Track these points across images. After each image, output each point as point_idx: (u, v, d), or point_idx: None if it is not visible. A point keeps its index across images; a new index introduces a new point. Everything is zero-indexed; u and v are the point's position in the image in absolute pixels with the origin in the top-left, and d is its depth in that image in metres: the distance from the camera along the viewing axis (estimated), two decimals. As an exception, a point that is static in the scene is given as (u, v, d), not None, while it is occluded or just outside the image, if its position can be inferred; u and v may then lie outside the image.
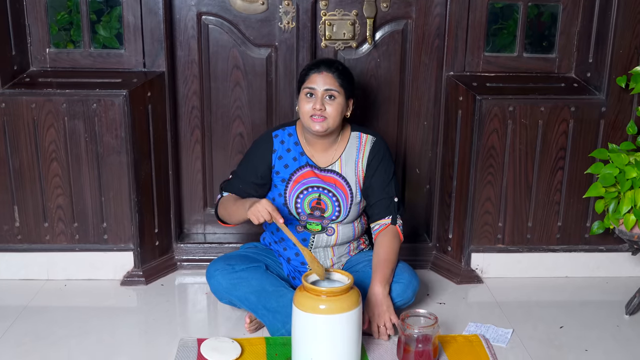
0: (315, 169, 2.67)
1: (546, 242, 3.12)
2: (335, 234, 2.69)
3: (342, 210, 2.66)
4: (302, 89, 2.61)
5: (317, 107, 2.54)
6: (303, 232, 2.69)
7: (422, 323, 2.42)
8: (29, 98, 2.86)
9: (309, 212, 2.66)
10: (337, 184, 2.66)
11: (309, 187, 2.66)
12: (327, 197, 2.65)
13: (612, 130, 2.97)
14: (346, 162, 2.68)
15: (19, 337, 2.60)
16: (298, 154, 2.68)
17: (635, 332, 2.71)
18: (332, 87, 2.56)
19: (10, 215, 2.99)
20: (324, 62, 2.62)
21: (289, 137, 2.71)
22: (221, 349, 2.45)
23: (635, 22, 2.86)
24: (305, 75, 2.61)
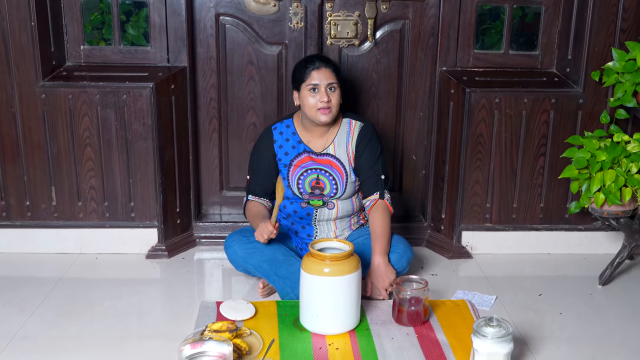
0: (312, 154, 2.98)
1: (530, 222, 3.40)
2: (336, 208, 3.01)
3: (339, 187, 2.98)
4: (304, 86, 2.88)
5: (324, 99, 2.85)
6: (307, 207, 3.01)
7: (413, 287, 2.74)
8: (66, 90, 3.16)
9: (310, 191, 2.98)
10: (332, 165, 2.97)
11: (308, 170, 2.98)
12: (324, 177, 2.97)
13: (588, 120, 3.25)
14: (338, 145, 2.99)
15: (58, 301, 2.92)
16: (296, 142, 3.00)
17: (606, 300, 3.01)
18: (332, 80, 2.88)
19: (48, 195, 3.30)
20: (318, 59, 2.91)
21: (287, 128, 3.02)
22: (238, 309, 2.77)
23: (609, 22, 3.14)
24: (305, 73, 2.88)
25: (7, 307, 2.86)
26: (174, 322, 2.79)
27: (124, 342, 2.61)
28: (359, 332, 2.65)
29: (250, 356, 2.44)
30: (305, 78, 2.88)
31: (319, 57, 2.98)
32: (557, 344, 2.63)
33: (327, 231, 3.05)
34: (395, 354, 2.51)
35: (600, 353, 2.59)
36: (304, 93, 2.89)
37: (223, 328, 2.51)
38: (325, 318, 2.60)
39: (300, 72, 2.91)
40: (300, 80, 2.90)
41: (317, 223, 3.04)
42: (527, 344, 2.62)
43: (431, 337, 2.63)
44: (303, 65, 2.91)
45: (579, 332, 2.74)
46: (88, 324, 2.74)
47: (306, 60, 2.94)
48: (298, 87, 2.92)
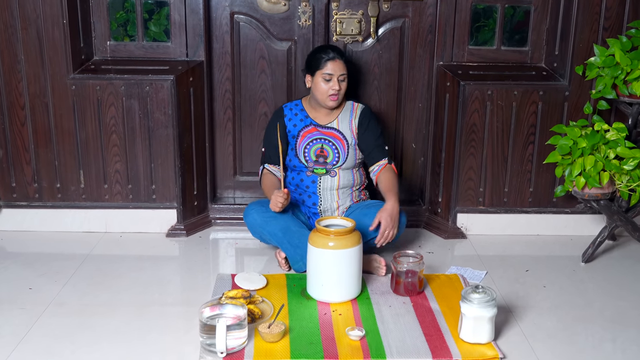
0: (318, 126, 3.32)
1: (520, 205, 3.66)
2: (337, 176, 3.31)
3: (340, 155, 3.30)
4: (318, 73, 3.22)
5: (336, 88, 3.21)
6: (312, 175, 3.32)
7: (410, 260, 3.01)
8: (94, 82, 3.43)
9: (315, 159, 3.30)
10: (335, 136, 3.30)
11: (313, 140, 3.30)
12: (328, 146, 3.29)
13: (574, 111, 3.50)
14: (342, 121, 3.32)
15: (88, 273, 3.21)
16: (304, 117, 3.34)
17: (587, 275, 3.28)
18: (344, 72, 3.23)
19: (77, 178, 3.57)
20: (333, 50, 3.25)
21: (295, 106, 3.37)
22: (251, 279, 3.06)
23: (592, 20, 3.39)
24: (321, 62, 3.21)
25: (42, 278, 3.15)
26: (193, 291, 3.08)
27: (149, 308, 2.90)
28: (360, 300, 2.94)
29: (263, 319, 2.73)
30: (322, 67, 3.21)
31: (333, 48, 3.28)
32: (539, 313, 2.90)
33: (331, 200, 3.33)
34: (393, 320, 2.79)
35: (577, 321, 2.85)
36: (318, 79, 3.23)
37: (238, 295, 2.80)
38: (329, 287, 2.88)
39: (317, 60, 3.23)
40: (315, 67, 3.23)
41: (322, 192, 3.32)
42: (511, 312, 2.89)
43: (425, 305, 2.90)
44: (320, 55, 3.24)
45: (560, 302, 3.01)
46: (115, 293, 3.03)
47: (322, 50, 3.27)
48: (312, 73, 3.25)
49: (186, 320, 2.78)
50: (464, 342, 2.61)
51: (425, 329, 2.71)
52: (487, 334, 2.59)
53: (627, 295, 3.08)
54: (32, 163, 3.54)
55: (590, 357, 2.59)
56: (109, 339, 2.65)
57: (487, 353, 2.55)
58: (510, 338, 2.70)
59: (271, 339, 2.58)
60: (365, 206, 3.31)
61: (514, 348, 2.63)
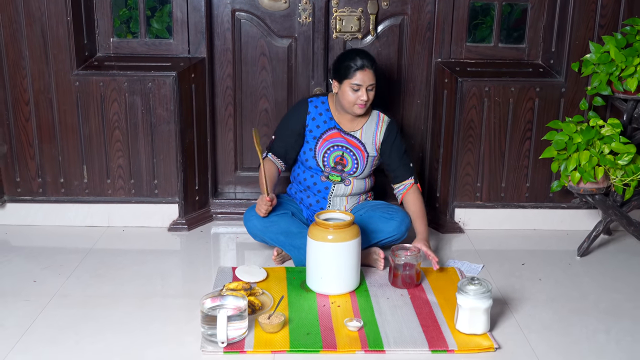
0: (342, 131, 3.30)
1: (517, 200, 3.70)
2: (352, 185, 3.34)
3: (359, 167, 3.31)
4: (346, 82, 3.12)
5: (364, 98, 3.12)
6: (326, 181, 3.33)
7: (407, 254, 3.06)
8: (98, 78, 3.47)
9: (333, 166, 3.31)
10: (356, 146, 3.29)
11: (335, 145, 3.29)
12: (348, 155, 3.29)
13: (570, 107, 3.55)
14: (366, 132, 3.30)
15: (91, 266, 3.26)
16: (328, 119, 3.31)
17: (583, 269, 3.32)
18: (373, 81, 3.14)
19: (80, 173, 3.61)
20: (362, 58, 3.11)
21: (322, 104, 3.32)
22: (251, 272, 3.11)
23: (588, 18, 3.43)
24: (350, 71, 3.10)
25: (46, 270, 3.20)
26: (194, 284, 3.13)
27: (151, 299, 2.95)
28: (359, 292, 2.99)
29: (263, 311, 2.78)
30: (350, 76, 3.11)
31: (363, 55, 3.14)
32: (534, 305, 2.95)
33: (339, 206, 3.37)
34: (390, 311, 2.84)
35: (572, 313, 2.90)
36: (345, 88, 3.14)
37: (238, 287, 2.85)
38: (328, 280, 2.93)
39: (346, 68, 3.12)
40: (344, 75, 3.13)
41: (332, 198, 3.35)
42: (507, 304, 2.94)
43: (422, 298, 2.96)
44: (349, 63, 3.11)
45: (555, 295, 3.06)
46: (118, 285, 3.08)
47: (351, 57, 3.13)
48: (340, 80, 3.16)
49: (187, 311, 2.83)
50: (460, 332, 2.66)
51: (422, 320, 2.77)
52: (482, 325, 2.64)
53: (622, 288, 3.13)
54: (36, 158, 3.59)
55: (584, 347, 2.64)
56: (112, 330, 2.70)
57: (483, 343, 2.60)
58: (505, 329, 2.75)
59: (271, 329, 2.63)
60: (371, 207, 3.34)
61: (509, 339, 2.68)
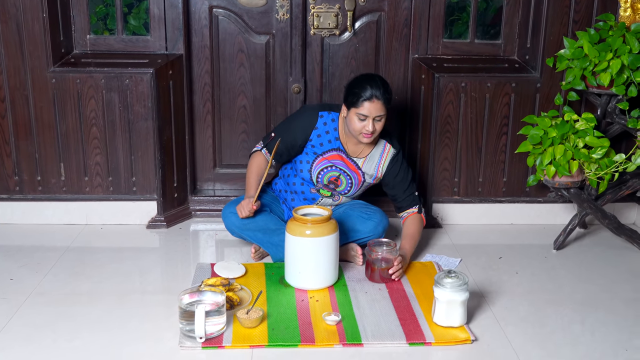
0: (344, 154, 3.25)
1: (494, 195, 3.73)
2: (339, 200, 3.36)
3: (352, 190, 3.31)
4: (354, 111, 3.03)
5: (369, 129, 3.03)
6: (315, 193, 3.33)
7: (384, 248, 3.08)
8: (74, 75, 3.45)
9: (326, 183, 3.30)
10: (355, 172, 3.27)
11: (333, 166, 3.25)
12: (344, 178, 3.28)
13: (545, 102, 3.58)
14: (368, 162, 3.27)
15: (69, 264, 3.24)
16: (334, 139, 3.24)
17: (558, 262, 3.36)
18: (381, 113, 3.04)
19: (57, 170, 3.59)
20: (374, 87, 3.00)
21: (332, 122, 3.24)
22: (230, 268, 3.11)
23: (562, 14, 3.47)
24: (358, 101, 3.00)
25: (23, 269, 3.18)
26: (172, 280, 3.13)
27: (130, 297, 2.94)
28: (337, 287, 3.00)
29: (241, 306, 2.78)
30: (358, 105, 3.02)
31: (375, 84, 3.01)
32: (511, 297, 2.98)
33: None
34: (369, 305, 2.86)
35: (548, 304, 2.94)
36: (352, 116, 3.06)
37: (217, 283, 2.86)
38: (307, 275, 2.94)
39: (354, 95, 3.02)
40: (351, 103, 3.04)
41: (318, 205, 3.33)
42: (484, 297, 2.97)
43: (400, 291, 2.97)
44: (358, 92, 3.01)
45: (531, 287, 3.09)
46: (96, 282, 3.07)
47: (363, 85, 3.01)
48: (348, 107, 3.07)
49: (166, 307, 2.83)
50: (437, 325, 2.68)
51: (400, 314, 2.78)
52: (459, 317, 2.66)
53: (597, 280, 3.17)
54: (13, 156, 3.57)
55: (560, 338, 2.68)
56: (90, 328, 2.69)
57: (460, 336, 2.62)
58: (482, 322, 2.77)
59: (249, 324, 2.64)
60: (349, 206, 3.35)
61: (486, 331, 2.70)
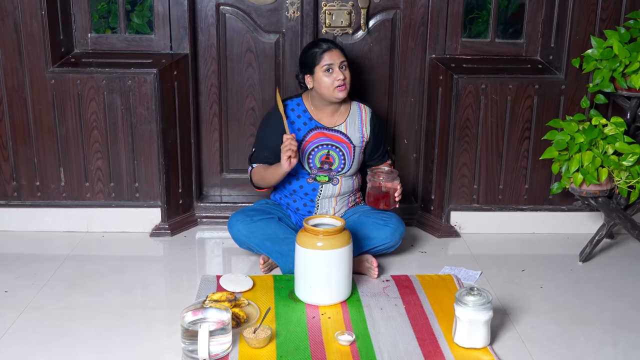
0: (324, 129, 3.17)
1: (515, 202, 3.56)
2: (339, 184, 3.19)
3: (346, 162, 3.17)
4: (319, 68, 3.05)
5: (341, 77, 3.04)
6: (313, 183, 3.17)
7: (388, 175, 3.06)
8: (74, 75, 3.31)
9: (319, 166, 3.16)
10: (341, 141, 3.16)
11: (319, 145, 3.15)
12: (334, 152, 3.15)
13: (570, 105, 3.40)
14: (350, 125, 3.19)
15: (67, 275, 3.09)
16: (307, 120, 3.17)
17: (585, 275, 3.18)
18: (343, 59, 3.09)
19: (57, 175, 3.45)
20: (325, 42, 3.11)
21: (297, 106, 3.19)
22: (236, 281, 2.95)
23: (589, 11, 3.29)
24: (317, 56, 3.05)
25: (19, 280, 3.03)
26: (176, 293, 2.97)
27: (130, 311, 2.78)
28: (350, 303, 2.83)
29: (248, 324, 2.61)
30: (319, 60, 3.05)
31: (324, 40, 3.16)
32: (536, 315, 2.80)
33: (328, 207, 3.22)
34: (384, 323, 2.68)
35: (576, 323, 2.75)
36: (319, 75, 3.06)
37: (222, 298, 2.68)
38: (318, 289, 2.77)
39: (311, 56, 3.07)
40: (313, 63, 3.07)
41: (320, 200, 3.20)
42: (507, 314, 2.79)
43: (418, 308, 2.80)
44: (313, 50, 3.08)
45: (557, 304, 2.91)
46: (96, 295, 2.91)
47: (314, 45, 3.11)
48: (312, 71, 3.08)
49: (168, 324, 2.67)
50: (459, 346, 2.51)
51: (418, 333, 2.61)
52: (482, 338, 2.48)
53: (626, 296, 2.98)
54: (10, 160, 3.43)
55: (590, 362, 2.50)
56: (87, 346, 2.53)
57: (483, 358, 2.45)
58: (506, 342, 2.59)
59: (257, 344, 2.47)
60: (363, 213, 3.19)
61: (511, 353, 2.52)
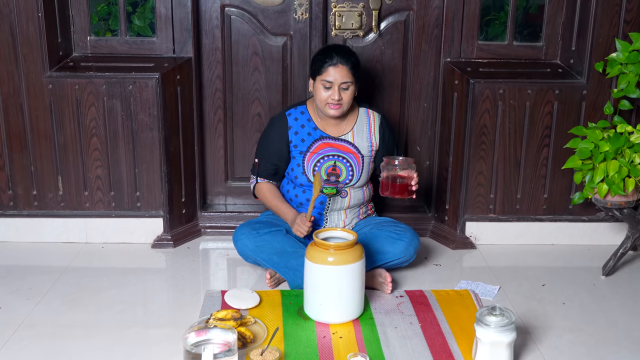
0: (329, 139, 3.01)
1: (534, 212, 3.41)
2: (349, 196, 3.03)
3: (354, 174, 3.01)
4: (318, 79, 2.90)
5: (335, 97, 2.87)
6: (320, 195, 3.02)
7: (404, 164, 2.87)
8: (73, 80, 3.19)
9: (326, 178, 3.00)
10: (349, 151, 3.00)
11: (325, 156, 2.99)
12: (341, 163, 2.99)
13: (592, 111, 3.26)
14: (357, 134, 3.02)
15: (65, 289, 2.95)
16: (312, 129, 3.01)
17: (609, 290, 3.02)
18: (348, 79, 2.88)
19: (55, 184, 3.33)
20: (338, 53, 2.88)
21: (301, 114, 3.03)
22: (242, 297, 2.80)
23: (612, 13, 3.15)
24: (322, 67, 2.88)
25: (14, 295, 2.89)
26: (179, 310, 2.82)
27: (130, 330, 2.63)
28: (363, 321, 2.68)
29: (255, 344, 2.46)
30: (322, 72, 2.89)
31: (339, 50, 2.92)
32: (560, 334, 2.65)
33: (337, 220, 3.07)
34: (399, 343, 2.53)
35: (603, 344, 2.60)
36: (318, 85, 2.92)
37: (228, 316, 2.54)
38: (329, 307, 2.62)
39: (318, 63, 2.91)
40: (316, 71, 2.91)
41: (329, 213, 3.05)
42: (530, 334, 2.63)
43: (434, 326, 2.64)
44: (322, 58, 2.90)
45: (582, 322, 2.75)
46: (94, 312, 2.77)
47: (326, 53, 2.92)
48: (314, 77, 2.94)
49: (171, 343, 2.52)
50: (480, 370, 2.35)
51: (436, 354, 2.46)
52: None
53: (655, 313, 2.83)
54: (6, 169, 3.31)
55: (619, 386, 2.34)
56: (84, 367, 2.39)
57: (506, 383, 2.29)
58: (530, 364, 2.44)
59: (264, 367, 2.32)
60: (376, 225, 3.04)
61: (535, 377, 2.37)
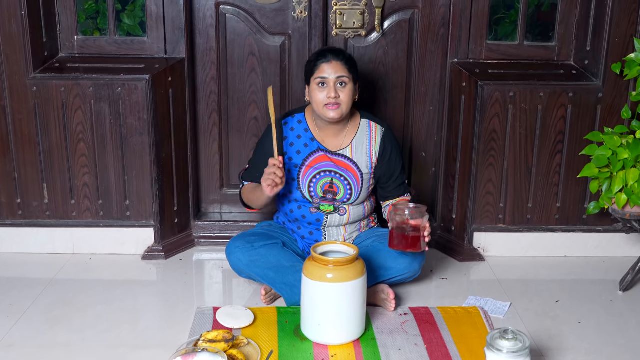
0: (328, 153, 2.82)
1: (545, 223, 3.25)
2: (347, 213, 2.86)
3: (353, 193, 2.82)
4: (312, 80, 2.74)
5: (332, 95, 2.69)
6: (316, 213, 2.85)
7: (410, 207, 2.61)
8: (59, 82, 3.05)
9: (322, 196, 2.82)
10: (347, 168, 2.81)
11: (321, 172, 2.81)
12: (339, 181, 2.81)
13: (608, 115, 3.10)
14: (356, 148, 2.83)
15: (48, 304, 2.79)
16: (309, 140, 2.84)
17: (627, 307, 2.85)
18: (343, 74, 2.71)
19: (40, 192, 3.18)
20: (330, 52, 2.75)
21: (298, 124, 2.86)
22: (235, 315, 2.63)
23: (630, 11, 2.99)
24: (315, 66, 2.73)
25: (-7, 311, 2.74)
26: (169, 328, 2.65)
27: (114, 351, 2.47)
28: (364, 342, 2.51)
29: (248, 368, 2.30)
30: (315, 71, 2.73)
31: (332, 49, 2.82)
32: (575, 356, 2.48)
33: (337, 236, 2.90)
34: (403, 366, 2.36)
35: (622, 366, 2.43)
36: (312, 87, 2.74)
37: (219, 337, 2.37)
38: (328, 327, 2.46)
39: (309, 65, 2.77)
40: (309, 73, 2.76)
41: (327, 229, 2.89)
42: (544, 356, 2.46)
43: (441, 348, 2.47)
44: (314, 57, 2.77)
45: (599, 343, 2.58)
46: (78, 331, 2.60)
47: (318, 53, 2.79)
48: (308, 82, 2.78)
49: (158, 366, 2.36)
50: (491, 398, 2.18)
51: (443, 380, 2.28)
52: (518, 389, 2.15)
53: (677, 333, 2.65)
54: (-12, 176, 3.18)
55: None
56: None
57: (519, 414, 2.12)
58: (545, 391, 2.27)
59: (257, 395, 2.15)
60: (378, 238, 2.86)
61: (551, 406, 2.20)
